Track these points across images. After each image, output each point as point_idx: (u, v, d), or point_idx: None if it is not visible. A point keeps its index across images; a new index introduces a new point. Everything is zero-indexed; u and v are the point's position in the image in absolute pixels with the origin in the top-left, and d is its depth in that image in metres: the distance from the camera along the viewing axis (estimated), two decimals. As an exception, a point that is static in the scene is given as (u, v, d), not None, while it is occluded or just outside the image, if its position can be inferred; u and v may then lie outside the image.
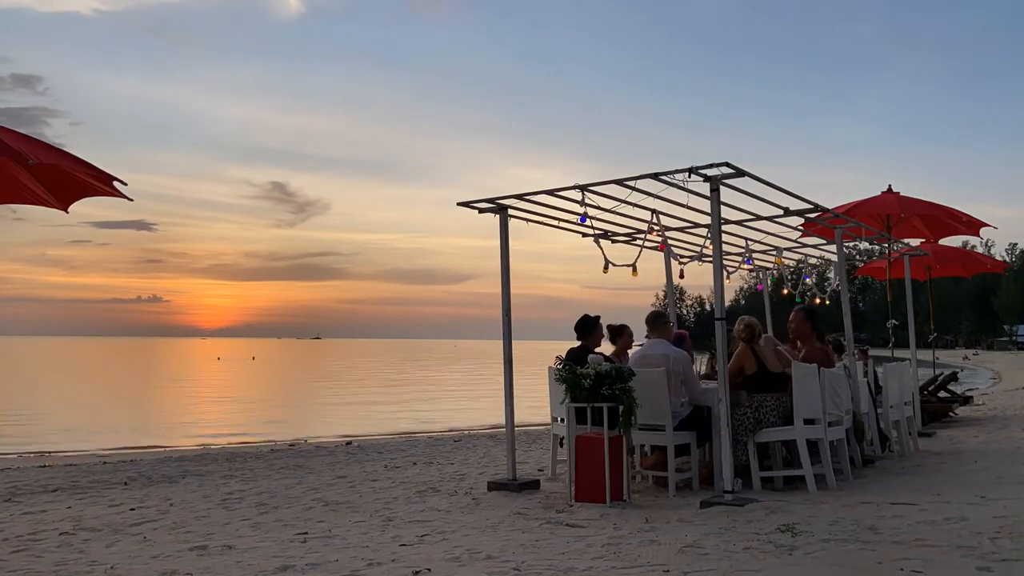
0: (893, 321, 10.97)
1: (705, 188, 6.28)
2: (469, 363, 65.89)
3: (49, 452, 13.90)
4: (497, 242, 7.18)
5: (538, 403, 8.93)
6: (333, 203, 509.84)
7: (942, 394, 13.54)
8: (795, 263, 10.95)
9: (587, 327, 7.23)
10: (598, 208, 7.02)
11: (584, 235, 8.03)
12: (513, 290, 7.16)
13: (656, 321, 7.05)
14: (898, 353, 10.73)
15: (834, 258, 9.61)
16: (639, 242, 8.71)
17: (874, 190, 10.75)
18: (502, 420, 7.28)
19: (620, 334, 7.52)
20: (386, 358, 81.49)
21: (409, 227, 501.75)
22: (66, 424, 19.70)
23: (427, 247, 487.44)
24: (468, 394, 30.83)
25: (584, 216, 7.10)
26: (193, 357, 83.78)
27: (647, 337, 7.14)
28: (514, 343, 7.13)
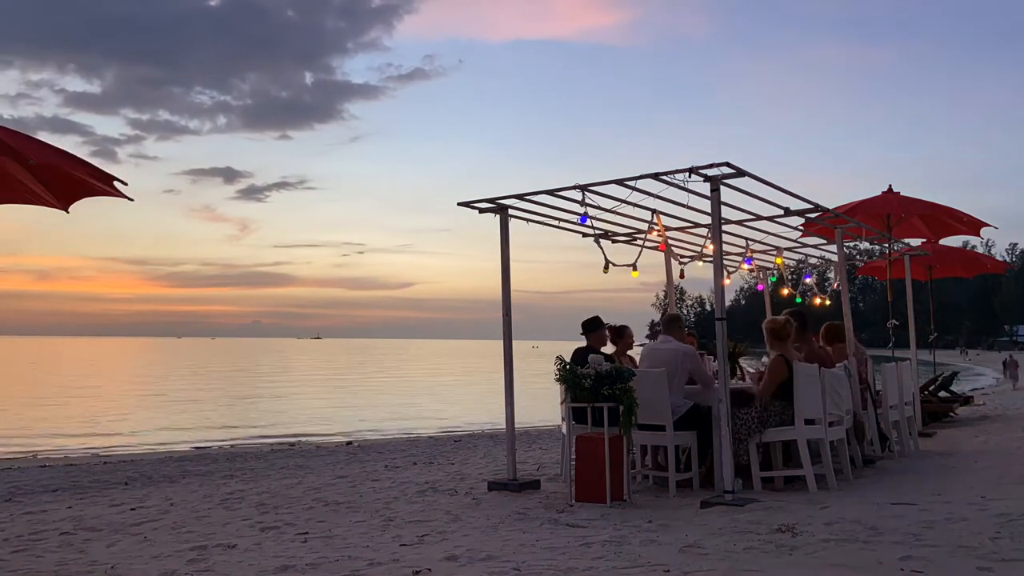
0: (894, 321, 10.96)
1: (705, 188, 6.28)
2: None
3: (49, 452, 13.93)
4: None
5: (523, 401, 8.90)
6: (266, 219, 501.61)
7: (942, 394, 13.55)
8: (795, 263, 10.96)
9: (591, 328, 7.33)
10: (598, 208, 7.03)
11: (584, 235, 8.04)
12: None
13: (671, 324, 7.17)
14: (898, 353, 10.71)
15: (834, 258, 9.61)
16: (639, 242, 8.72)
17: (874, 190, 10.76)
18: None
19: (621, 335, 7.64)
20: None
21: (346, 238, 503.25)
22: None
23: (366, 259, 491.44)
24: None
25: (584, 216, 7.13)
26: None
27: (647, 338, 7.16)
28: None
